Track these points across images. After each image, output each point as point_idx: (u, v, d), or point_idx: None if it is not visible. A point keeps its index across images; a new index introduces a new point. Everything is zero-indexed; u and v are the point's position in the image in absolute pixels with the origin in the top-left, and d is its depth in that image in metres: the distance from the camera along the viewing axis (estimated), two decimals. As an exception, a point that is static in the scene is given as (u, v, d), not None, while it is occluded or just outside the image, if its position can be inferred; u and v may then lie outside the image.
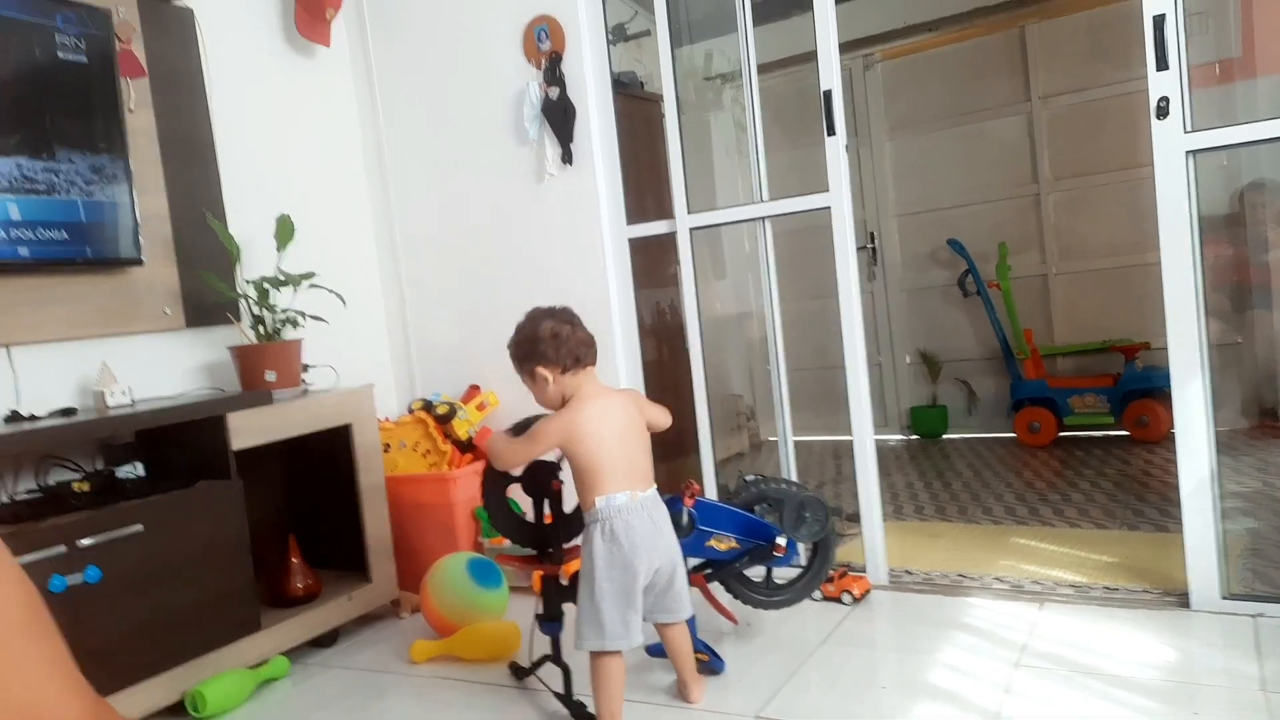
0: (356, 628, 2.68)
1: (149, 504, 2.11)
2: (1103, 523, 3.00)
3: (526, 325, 1.90)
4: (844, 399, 2.62)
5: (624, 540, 1.80)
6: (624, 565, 1.80)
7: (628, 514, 1.81)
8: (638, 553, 1.80)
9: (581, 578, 1.85)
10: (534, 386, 1.90)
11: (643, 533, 1.81)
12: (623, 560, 1.80)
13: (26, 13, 2.24)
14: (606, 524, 1.81)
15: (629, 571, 1.80)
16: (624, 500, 1.82)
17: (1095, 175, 4.37)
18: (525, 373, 1.90)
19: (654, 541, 1.83)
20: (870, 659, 2.18)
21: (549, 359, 1.85)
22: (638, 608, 1.83)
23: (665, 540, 1.87)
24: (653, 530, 1.83)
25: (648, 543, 1.81)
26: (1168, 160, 2.16)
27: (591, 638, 1.82)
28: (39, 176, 2.25)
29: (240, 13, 2.96)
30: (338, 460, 2.65)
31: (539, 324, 1.87)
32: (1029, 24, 4.48)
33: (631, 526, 1.80)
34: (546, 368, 1.85)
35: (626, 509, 1.81)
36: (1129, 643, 2.07)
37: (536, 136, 2.97)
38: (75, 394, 2.40)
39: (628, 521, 1.80)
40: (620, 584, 1.80)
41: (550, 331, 1.85)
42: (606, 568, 1.80)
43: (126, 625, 2.01)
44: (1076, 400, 4.23)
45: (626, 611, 1.81)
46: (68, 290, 2.37)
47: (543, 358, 1.85)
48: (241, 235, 2.73)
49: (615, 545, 1.80)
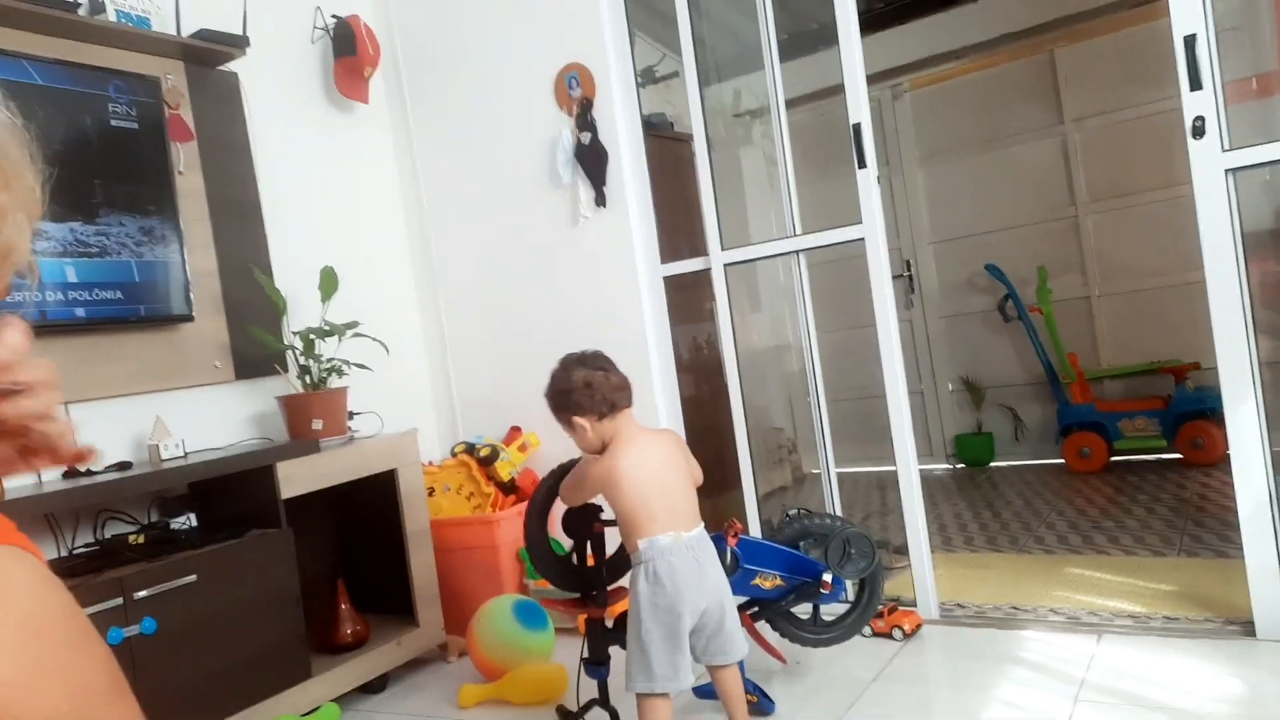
0: (405, 672, 2.69)
1: (202, 555, 2.15)
2: (1160, 550, 2.92)
3: (559, 375, 1.92)
4: (886, 429, 2.60)
5: (667, 582, 1.79)
6: (668, 608, 1.79)
7: (671, 555, 1.80)
8: (681, 595, 1.79)
9: (629, 620, 1.85)
10: (573, 434, 1.92)
11: (686, 574, 1.80)
12: (667, 603, 1.79)
13: (81, 84, 2.34)
14: (650, 566, 1.81)
15: (673, 613, 1.79)
16: (667, 542, 1.81)
17: (1134, 195, 4.32)
18: (563, 421, 1.93)
19: (699, 582, 1.81)
20: (924, 696, 2.13)
21: (584, 408, 1.86)
22: (685, 650, 1.81)
23: (712, 581, 1.85)
24: (697, 571, 1.82)
25: (692, 584, 1.80)
26: (1206, 179, 2.14)
27: (640, 680, 1.81)
28: (93, 239, 2.34)
29: (282, 75, 3.07)
30: (384, 505, 2.68)
31: (571, 373, 1.89)
32: (1058, 48, 4.47)
33: (675, 568, 1.79)
34: (582, 416, 1.87)
35: (670, 550, 1.80)
36: (1193, 674, 2.01)
37: (570, 181, 3.02)
38: (130, 448, 2.47)
39: (671, 563, 1.80)
40: (666, 626, 1.79)
41: (583, 380, 1.87)
42: (651, 610, 1.80)
43: (181, 676, 2.04)
44: (1127, 424, 4.14)
45: (674, 654, 1.79)
46: (122, 348, 2.45)
47: (577, 407, 1.87)
48: (287, 288, 2.80)
49: (659, 587, 1.79)
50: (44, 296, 2.22)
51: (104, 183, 2.37)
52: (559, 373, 1.92)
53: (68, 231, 2.28)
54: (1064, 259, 4.52)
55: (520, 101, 3.13)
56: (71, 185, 2.31)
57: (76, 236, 2.30)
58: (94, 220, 2.34)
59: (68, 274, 2.27)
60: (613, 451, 1.87)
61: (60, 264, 2.26)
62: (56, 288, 2.24)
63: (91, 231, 2.33)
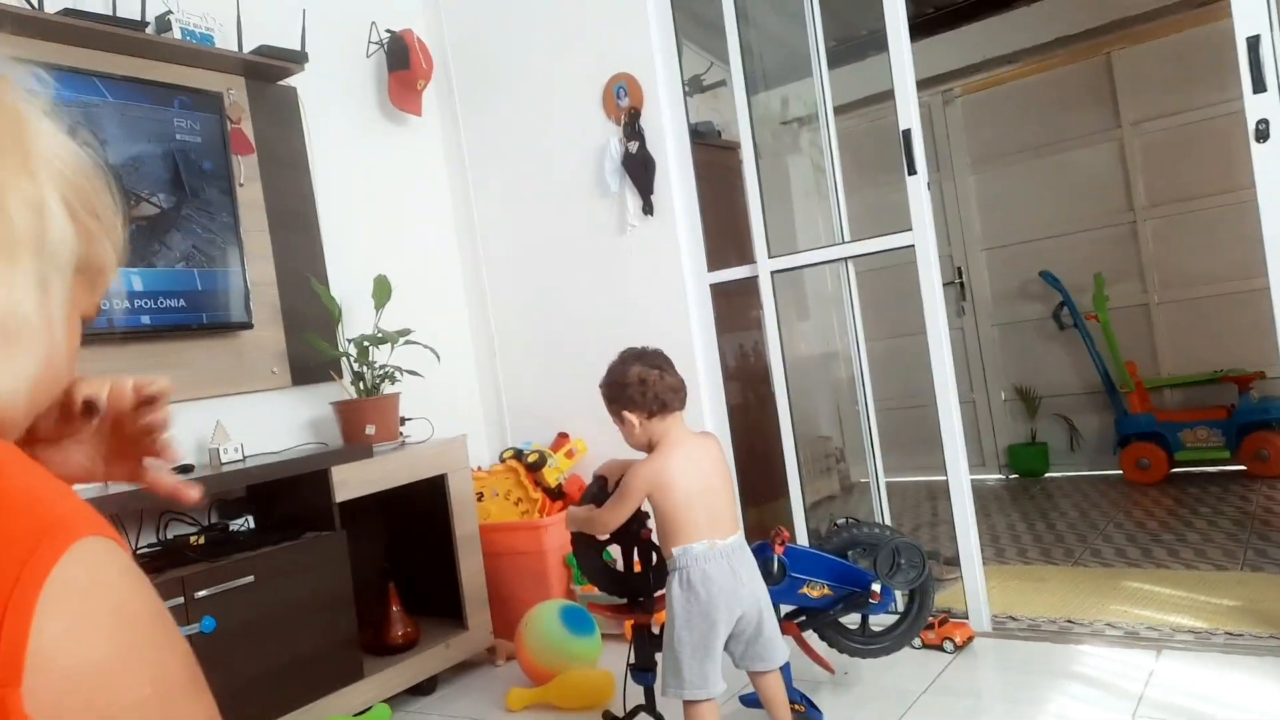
0: (454, 675, 2.72)
1: (259, 556, 2.21)
2: (1222, 564, 2.84)
3: (617, 367, 1.93)
4: (936, 438, 2.57)
5: (701, 590, 1.79)
6: (702, 615, 1.79)
7: (705, 563, 1.80)
8: (715, 603, 1.78)
9: (665, 625, 1.86)
10: (621, 427, 1.93)
11: (721, 582, 1.79)
12: (700, 610, 1.79)
13: (148, 100, 2.43)
14: (684, 573, 1.81)
15: (707, 621, 1.79)
16: (702, 549, 1.81)
17: (1194, 200, 4.21)
18: (613, 413, 1.93)
19: (734, 590, 1.81)
20: (975, 709, 2.10)
21: (635, 404, 1.87)
22: (716, 659, 1.81)
23: (748, 588, 1.84)
24: (732, 579, 1.81)
25: (727, 592, 1.80)
26: (1271, 183, 2.08)
27: (673, 686, 1.82)
28: (158, 250, 2.42)
29: (338, 89, 3.14)
30: (434, 510, 2.72)
31: (628, 368, 1.90)
32: (1115, 50, 4.38)
33: (709, 576, 1.79)
34: (633, 412, 1.88)
35: (704, 558, 1.80)
36: (1256, 692, 1.94)
37: (618, 189, 3.05)
38: (192, 451, 2.54)
39: (705, 571, 1.79)
40: (699, 634, 1.79)
41: (638, 377, 1.88)
42: (685, 617, 1.80)
43: (238, 673, 2.10)
44: (1188, 434, 4.02)
45: (705, 662, 1.79)
46: (185, 354, 2.53)
47: (630, 402, 1.87)
48: (342, 296, 2.86)
49: (693, 595, 1.79)
50: (111, 305, 2.30)
51: (168, 195, 2.46)
52: (617, 365, 1.93)
53: (134, 242, 2.36)
54: (1121, 265, 4.42)
55: (569, 111, 3.16)
56: (137, 197, 2.39)
57: (143, 247, 2.38)
58: (158, 231, 2.42)
59: (134, 283, 2.35)
60: (660, 453, 1.88)
61: (127, 274, 2.34)
62: (123, 296, 2.33)
63: (158, 242, 2.42)
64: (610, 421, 1.95)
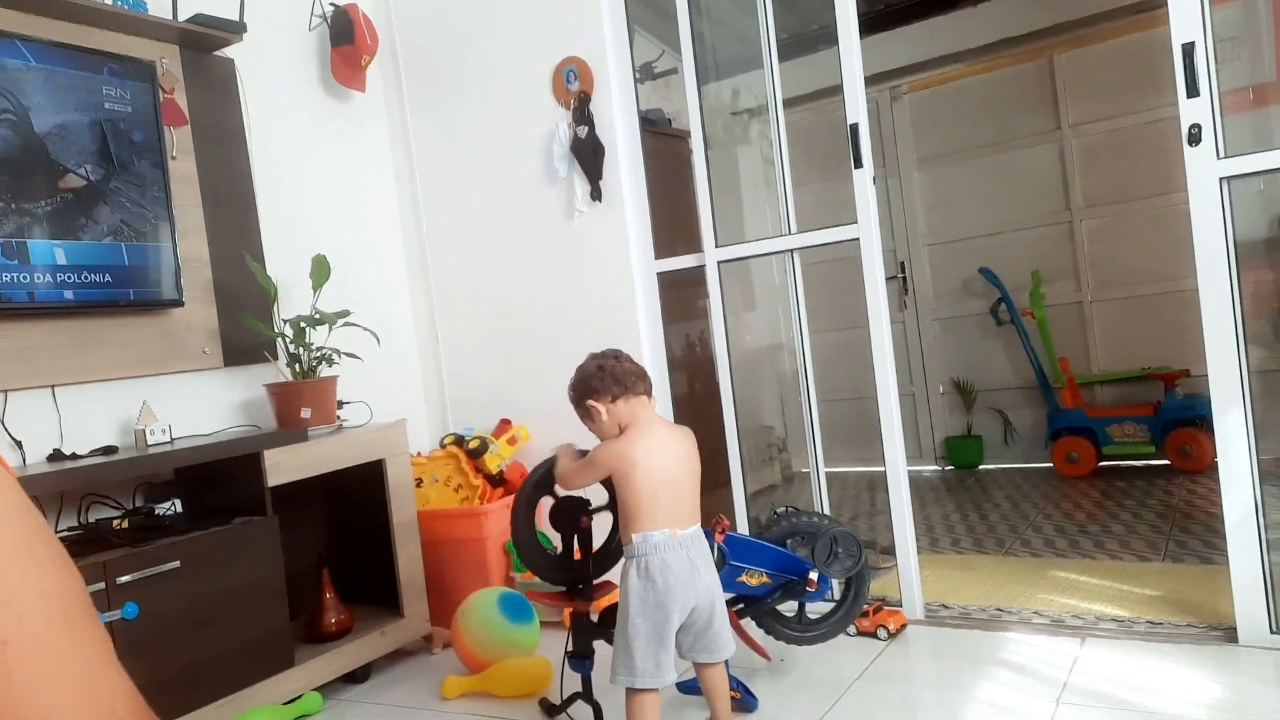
0: (389, 663, 2.68)
1: (186, 541, 2.14)
2: (1146, 555, 2.93)
3: (579, 369, 1.96)
4: (877, 430, 2.60)
5: (659, 579, 1.79)
6: (657, 604, 1.79)
7: (664, 552, 1.80)
8: (672, 593, 1.79)
9: (619, 613, 1.85)
10: (591, 424, 1.94)
11: (679, 572, 1.80)
12: (656, 599, 1.79)
13: (76, 67, 2.33)
14: (643, 561, 1.81)
15: (662, 611, 1.79)
16: (661, 538, 1.81)
17: (1129, 202, 4.33)
18: (581, 411, 1.95)
19: (691, 581, 1.81)
20: (907, 696, 2.14)
21: (597, 391, 1.90)
22: (669, 647, 1.82)
23: (704, 580, 1.85)
24: (690, 569, 1.82)
25: (684, 582, 1.80)
26: (1201, 186, 2.14)
27: (623, 674, 1.81)
28: (84, 222, 2.32)
29: (279, 62, 3.05)
30: (371, 496, 2.67)
31: (588, 364, 1.95)
32: (1057, 53, 4.47)
33: (668, 565, 1.80)
34: (597, 400, 1.90)
35: (663, 547, 1.81)
36: (1175, 679, 2.01)
37: (566, 175, 3.01)
38: (117, 433, 2.45)
39: (664, 560, 1.80)
40: (654, 623, 1.79)
41: (596, 365, 1.93)
42: (640, 605, 1.80)
43: (162, 662, 2.03)
44: (1116, 429, 4.15)
45: (659, 651, 1.80)
46: (110, 332, 2.44)
47: (593, 391, 1.91)
48: (279, 276, 2.79)
49: (650, 583, 1.79)
50: (32, 278, 2.20)
51: (95, 166, 2.36)
52: (579, 368, 1.97)
53: (57, 214, 2.26)
54: (1059, 264, 4.53)
55: (518, 94, 3.12)
56: (62, 168, 2.29)
57: (67, 219, 2.28)
58: (85, 204, 2.33)
59: (57, 256, 2.26)
60: (630, 434, 1.89)
61: (50, 246, 2.24)
62: (45, 270, 2.23)
63: (82, 214, 2.32)
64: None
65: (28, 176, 2.22)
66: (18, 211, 2.19)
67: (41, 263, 2.23)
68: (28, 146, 2.22)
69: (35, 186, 2.23)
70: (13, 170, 2.19)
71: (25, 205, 2.20)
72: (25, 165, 2.21)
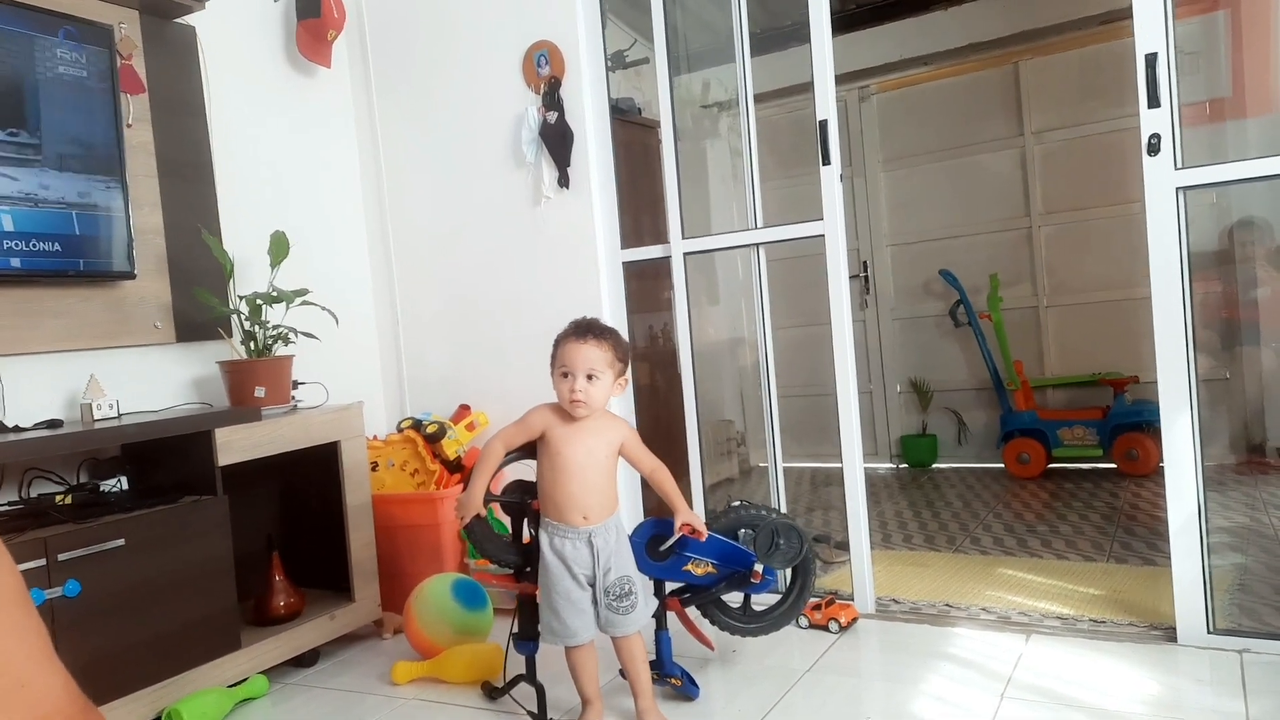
0: (338, 648, 2.65)
1: (132, 519, 2.09)
2: (1090, 555, 3.00)
3: (613, 330, 2.02)
4: (834, 426, 2.62)
5: (558, 555, 1.94)
6: (560, 574, 1.93)
7: (562, 535, 1.95)
8: (572, 567, 1.93)
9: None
10: (614, 383, 1.98)
11: (574, 556, 1.94)
12: (558, 570, 1.94)
13: (28, 27, 2.25)
14: (550, 536, 1.96)
15: (564, 580, 1.93)
16: (559, 527, 1.95)
17: (1087, 210, 4.41)
18: (616, 370, 1.98)
19: (589, 561, 1.94)
20: (856, 688, 2.16)
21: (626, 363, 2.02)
22: (582, 609, 1.93)
23: (612, 562, 1.95)
24: (589, 554, 1.94)
25: (581, 562, 1.94)
26: (1158, 196, 2.18)
27: (547, 634, 1.97)
28: (33, 188, 2.25)
29: (242, 33, 2.98)
30: (325, 478, 2.63)
31: None
32: (1023, 60, 4.54)
33: (564, 545, 1.94)
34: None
35: (561, 532, 1.95)
36: (1115, 676, 2.06)
37: (534, 160, 2.99)
38: (63, 407, 2.39)
39: (565, 540, 1.95)
40: (562, 590, 1.93)
41: None
42: (546, 574, 1.95)
43: (105, 641, 1.98)
44: (1066, 432, 4.24)
45: (568, 613, 1.93)
46: (59, 303, 2.37)
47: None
48: (236, 252, 2.73)
49: (555, 555, 1.94)
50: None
51: (48, 131, 2.28)
52: (611, 328, 2.02)
53: (6, 179, 2.19)
54: (1016, 268, 4.61)
55: (488, 76, 3.08)
56: (12, 131, 2.21)
57: (15, 184, 2.21)
58: (35, 169, 2.25)
59: (4, 223, 2.18)
60: (567, 421, 1.97)
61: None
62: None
63: (32, 180, 2.24)
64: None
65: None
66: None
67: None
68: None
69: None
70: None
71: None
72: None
